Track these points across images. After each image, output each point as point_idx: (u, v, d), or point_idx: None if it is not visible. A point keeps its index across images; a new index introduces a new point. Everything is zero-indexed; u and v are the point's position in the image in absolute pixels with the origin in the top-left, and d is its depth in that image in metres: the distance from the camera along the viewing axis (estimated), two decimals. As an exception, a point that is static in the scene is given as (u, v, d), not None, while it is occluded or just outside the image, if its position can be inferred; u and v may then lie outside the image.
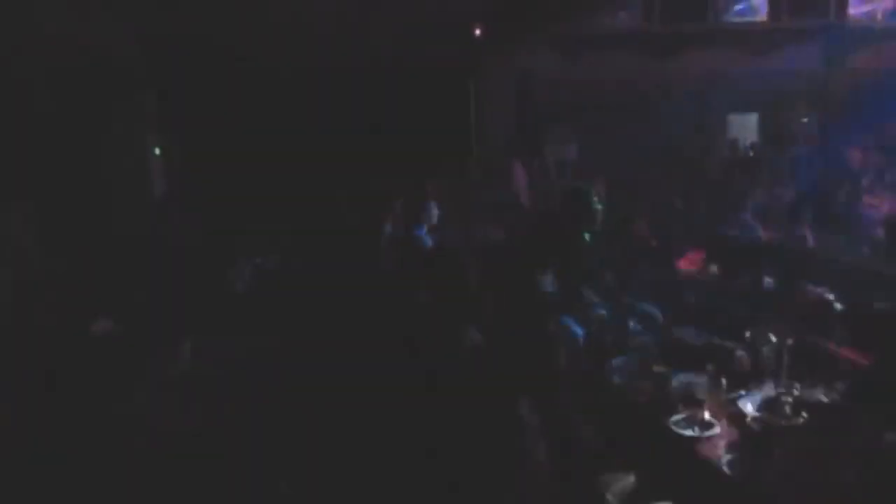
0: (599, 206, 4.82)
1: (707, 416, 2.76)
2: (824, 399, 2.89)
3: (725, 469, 2.46)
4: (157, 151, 7.79)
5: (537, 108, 8.43)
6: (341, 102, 8.02)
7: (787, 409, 2.76)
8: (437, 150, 7.84)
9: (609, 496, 2.36)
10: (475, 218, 6.12)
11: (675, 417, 2.79)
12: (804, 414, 2.73)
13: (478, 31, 7.68)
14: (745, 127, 10.11)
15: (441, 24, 7.14)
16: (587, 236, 4.64)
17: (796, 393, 2.88)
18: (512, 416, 2.08)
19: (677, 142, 8.81)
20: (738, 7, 10.94)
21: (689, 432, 2.69)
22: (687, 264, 5.48)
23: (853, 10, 10.32)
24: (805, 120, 9.59)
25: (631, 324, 3.86)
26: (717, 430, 2.69)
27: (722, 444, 2.62)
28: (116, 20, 6.78)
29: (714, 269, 4.85)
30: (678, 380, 2.97)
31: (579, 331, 3.76)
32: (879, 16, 10.57)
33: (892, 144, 8.89)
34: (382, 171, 7.21)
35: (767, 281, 4.66)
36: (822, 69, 8.96)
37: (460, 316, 2.62)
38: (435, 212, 6.14)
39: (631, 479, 2.58)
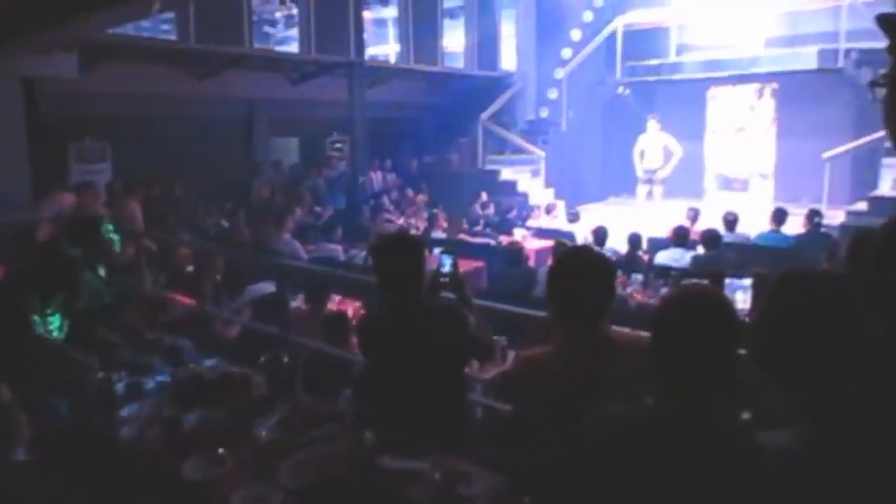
0: (116, 236, 4.35)
1: (221, 451, 2.64)
2: (339, 406, 3.07)
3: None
4: None
5: (52, 122, 7.29)
6: None
7: (299, 426, 2.82)
8: None
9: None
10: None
11: (188, 463, 2.58)
12: (315, 427, 2.83)
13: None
14: (287, 150, 10.68)
15: None
16: (102, 269, 4.13)
17: (308, 407, 2.98)
18: None
19: (223, 162, 8.72)
20: (278, 36, 11.54)
21: (199, 476, 2.52)
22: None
23: (371, 51, 11.90)
24: (338, 145, 10.61)
25: (155, 362, 3.54)
26: (230, 464, 2.59)
27: (235, 479, 2.52)
28: None
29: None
30: (190, 420, 2.78)
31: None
32: (393, 58, 12.47)
33: (405, 168, 10.51)
34: None
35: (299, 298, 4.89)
36: (348, 100, 10.00)
37: None
38: None
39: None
